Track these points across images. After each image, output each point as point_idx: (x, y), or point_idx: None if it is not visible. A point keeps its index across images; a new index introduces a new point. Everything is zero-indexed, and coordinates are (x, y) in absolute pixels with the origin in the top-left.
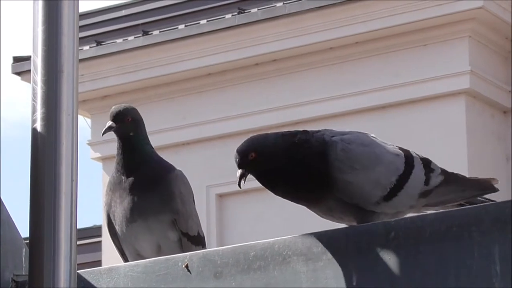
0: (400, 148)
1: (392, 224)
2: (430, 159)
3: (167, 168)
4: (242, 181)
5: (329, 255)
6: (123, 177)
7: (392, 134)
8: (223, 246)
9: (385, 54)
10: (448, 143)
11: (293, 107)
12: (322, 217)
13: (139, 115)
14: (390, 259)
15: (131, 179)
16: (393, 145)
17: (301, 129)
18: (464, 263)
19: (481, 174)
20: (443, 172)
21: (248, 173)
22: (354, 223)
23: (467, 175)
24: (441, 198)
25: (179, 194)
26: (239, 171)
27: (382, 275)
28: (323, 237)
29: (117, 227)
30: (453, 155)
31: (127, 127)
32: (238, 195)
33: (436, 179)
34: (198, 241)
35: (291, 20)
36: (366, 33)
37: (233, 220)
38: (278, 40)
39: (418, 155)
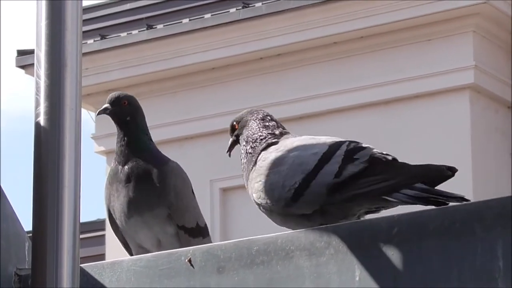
0: (333, 143)
1: (395, 219)
2: (365, 145)
3: (162, 161)
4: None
5: (332, 250)
6: (119, 168)
7: (396, 129)
8: (226, 240)
9: (389, 49)
10: (452, 138)
11: (297, 101)
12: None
13: (138, 103)
14: (393, 254)
15: (126, 171)
16: (326, 141)
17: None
18: (466, 258)
19: (484, 169)
20: (371, 159)
21: (235, 144)
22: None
23: (470, 170)
24: (361, 191)
25: (173, 187)
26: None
27: (384, 270)
28: (326, 232)
29: (117, 221)
30: (456, 150)
31: (123, 111)
32: (242, 189)
33: (352, 168)
34: (197, 233)
35: (295, 14)
36: (370, 28)
37: (236, 214)
38: (283, 35)
39: (351, 145)
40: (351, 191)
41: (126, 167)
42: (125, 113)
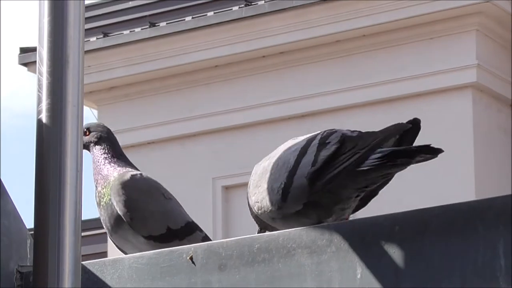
0: (311, 137)
1: (397, 217)
2: (339, 129)
3: (118, 177)
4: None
5: (334, 248)
6: (95, 190)
7: None
8: (228, 238)
9: (392, 47)
10: (455, 136)
11: (299, 99)
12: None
13: (102, 129)
14: (394, 252)
15: (96, 193)
16: (306, 136)
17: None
18: (468, 257)
19: (487, 167)
20: (342, 139)
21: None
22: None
23: (473, 169)
24: (336, 170)
25: (125, 202)
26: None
27: (386, 268)
28: (328, 230)
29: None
30: (459, 148)
31: (87, 140)
32: (244, 187)
33: (325, 153)
34: (170, 237)
35: (298, 12)
36: (373, 26)
37: (238, 212)
38: (285, 33)
39: (325, 133)
40: (328, 174)
41: (96, 189)
42: (89, 141)
